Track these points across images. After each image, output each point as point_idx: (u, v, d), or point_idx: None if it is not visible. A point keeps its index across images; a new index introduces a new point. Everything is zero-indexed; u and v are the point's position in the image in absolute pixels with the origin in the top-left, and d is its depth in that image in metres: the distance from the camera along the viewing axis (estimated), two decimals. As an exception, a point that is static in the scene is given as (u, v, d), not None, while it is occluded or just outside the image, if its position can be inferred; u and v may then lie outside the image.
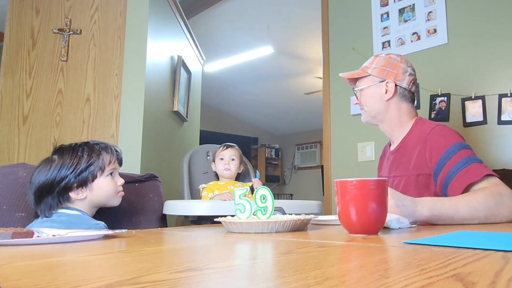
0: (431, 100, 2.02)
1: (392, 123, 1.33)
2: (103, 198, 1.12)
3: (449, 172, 1.10)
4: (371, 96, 1.32)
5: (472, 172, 1.07)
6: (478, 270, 0.35)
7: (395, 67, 1.30)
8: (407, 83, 1.30)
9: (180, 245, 0.66)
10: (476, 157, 1.12)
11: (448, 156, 1.12)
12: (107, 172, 1.12)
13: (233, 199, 0.89)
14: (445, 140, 1.16)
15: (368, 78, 1.33)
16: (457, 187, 1.08)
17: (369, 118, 1.36)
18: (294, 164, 8.40)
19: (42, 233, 0.73)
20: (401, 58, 1.32)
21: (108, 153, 1.13)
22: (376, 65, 1.32)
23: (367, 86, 1.33)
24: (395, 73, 1.29)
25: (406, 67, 1.30)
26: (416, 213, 0.91)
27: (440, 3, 2.07)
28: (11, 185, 1.16)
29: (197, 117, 3.49)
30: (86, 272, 0.39)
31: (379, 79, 1.30)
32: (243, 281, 0.34)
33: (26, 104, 2.06)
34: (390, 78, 1.29)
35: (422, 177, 1.19)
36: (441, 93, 2.00)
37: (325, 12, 2.62)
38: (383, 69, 1.30)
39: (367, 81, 1.33)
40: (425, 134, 1.20)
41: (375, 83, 1.31)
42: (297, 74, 6.00)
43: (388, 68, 1.30)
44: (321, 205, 1.60)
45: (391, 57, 1.32)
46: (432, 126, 1.21)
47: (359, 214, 0.71)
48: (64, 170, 1.06)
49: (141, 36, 2.17)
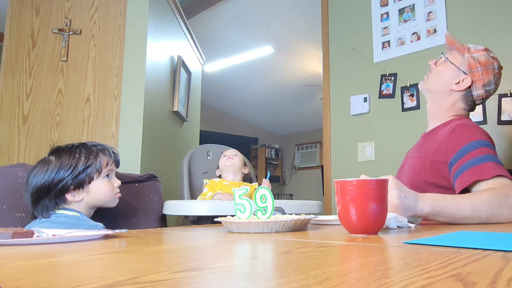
0: (431, 100, 2.02)
1: (439, 109, 1.30)
2: (99, 200, 1.12)
3: (463, 165, 1.10)
4: (444, 74, 1.28)
5: (484, 170, 1.06)
6: (478, 270, 0.35)
7: (486, 74, 1.23)
8: (479, 94, 1.25)
9: (180, 245, 0.66)
10: (495, 157, 1.11)
11: (468, 149, 1.11)
12: (104, 174, 1.11)
13: (233, 199, 0.89)
14: (470, 134, 1.15)
15: (459, 57, 1.27)
16: (465, 180, 1.07)
17: (425, 87, 1.33)
18: (294, 164, 8.40)
19: (42, 233, 0.73)
20: (499, 71, 1.25)
21: (105, 155, 1.13)
22: (475, 57, 1.25)
23: (452, 62, 1.27)
24: (481, 78, 1.24)
25: (492, 81, 1.24)
26: (417, 207, 0.90)
27: (440, 3, 2.07)
28: (11, 185, 1.16)
29: (197, 117, 3.49)
30: (86, 272, 0.39)
31: (465, 69, 1.25)
32: (243, 281, 0.34)
33: (26, 104, 2.06)
34: (472, 77, 1.24)
35: (437, 164, 1.18)
36: (441, 93, 2.00)
37: (325, 12, 2.62)
38: (476, 65, 1.24)
39: (455, 59, 1.27)
40: (454, 126, 1.19)
41: (459, 68, 1.26)
42: (297, 74, 6.00)
43: (480, 68, 1.24)
44: (321, 205, 1.60)
45: (493, 62, 1.25)
46: (464, 121, 1.21)
47: (359, 214, 0.71)
48: (62, 172, 1.05)
49: (141, 36, 2.17)
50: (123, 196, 1.19)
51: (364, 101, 2.32)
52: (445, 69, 1.29)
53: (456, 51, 1.29)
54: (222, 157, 1.79)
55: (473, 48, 1.27)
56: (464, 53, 1.26)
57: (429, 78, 1.32)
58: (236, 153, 1.79)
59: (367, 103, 2.31)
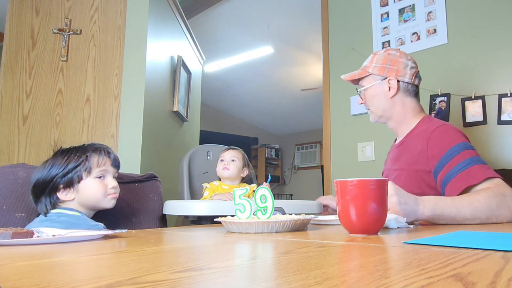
0: (431, 100, 2.02)
1: (398, 119, 1.33)
2: (90, 200, 1.10)
3: (449, 172, 1.10)
4: (375, 95, 1.32)
5: (473, 174, 1.06)
6: (478, 270, 0.35)
7: (395, 62, 1.28)
8: (409, 77, 1.29)
9: (180, 245, 0.66)
10: (479, 158, 1.11)
11: (451, 155, 1.11)
12: (96, 174, 1.10)
13: (233, 199, 0.89)
14: (449, 138, 1.15)
15: (369, 77, 1.32)
16: (455, 187, 1.07)
17: (377, 117, 1.36)
18: (294, 164, 8.40)
19: (42, 233, 0.73)
20: (400, 53, 1.31)
21: (97, 155, 1.11)
22: (376, 63, 1.31)
23: (370, 85, 1.32)
24: (396, 69, 1.28)
25: (406, 61, 1.29)
26: (418, 212, 0.90)
27: (440, 3, 2.07)
28: (11, 185, 1.16)
29: (197, 117, 3.49)
30: (86, 272, 0.39)
31: (381, 77, 1.30)
32: (243, 281, 0.34)
33: (26, 104, 2.06)
34: (392, 74, 1.28)
35: (421, 173, 1.19)
36: (441, 93, 2.00)
37: (325, 12, 2.62)
38: (383, 67, 1.29)
39: (369, 80, 1.33)
40: (429, 131, 1.20)
41: (377, 81, 1.30)
42: (297, 74, 6.00)
43: (388, 65, 1.29)
44: (321, 205, 1.60)
45: (389, 53, 1.31)
46: (438, 124, 1.21)
47: (359, 214, 0.71)
48: (54, 170, 1.07)
49: (141, 36, 2.17)
50: (123, 196, 1.19)
51: (364, 101, 2.32)
52: (371, 92, 1.34)
53: (360, 77, 1.35)
54: (219, 162, 1.70)
55: (367, 62, 1.35)
56: (367, 71, 1.33)
57: (371, 110, 1.37)
58: (233, 157, 1.69)
59: (367, 103, 2.31)
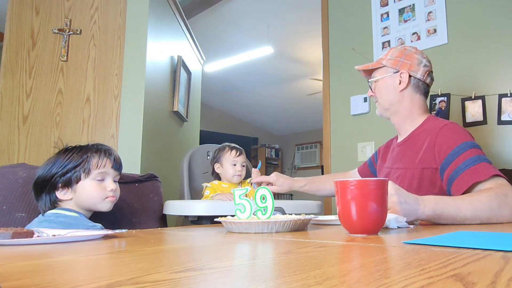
0: (431, 100, 2.02)
1: (404, 115, 1.33)
2: (87, 202, 1.09)
3: (456, 168, 1.10)
4: (385, 88, 1.33)
5: (480, 171, 1.06)
6: (478, 270, 0.35)
7: (410, 57, 1.30)
8: (421, 74, 1.29)
9: (180, 245, 0.66)
10: (485, 157, 1.12)
11: (458, 152, 1.12)
12: (95, 176, 1.09)
13: (233, 199, 0.89)
14: (457, 136, 1.16)
15: (382, 69, 1.33)
16: (462, 184, 1.07)
17: (383, 110, 1.36)
18: (294, 164, 8.40)
19: (42, 233, 0.73)
20: (416, 50, 1.32)
21: (98, 156, 1.10)
22: (390, 56, 1.32)
23: (381, 77, 1.33)
24: (410, 63, 1.29)
25: (421, 58, 1.30)
26: (418, 211, 0.90)
27: (440, 3, 2.07)
28: (11, 185, 1.16)
29: (197, 117, 3.49)
30: (86, 272, 0.39)
31: (393, 70, 1.30)
32: (243, 281, 0.34)
33: (26, 104, 2.06)
34: (404, 68, 1.29)
35: (427, 171, 1.19)
36: (441, 93, 2.00)
37: (325, 12, 2.62)
38: (397, 60, 1.30)
39: (382, 73, 1.34)
40: (437, 129, 1.20)
41: (389, 74, 1.31)
42: (297, 74, 6.00)
43: (402, 59, 1.30)
44: (321, 205, 1.61)
45: (406, 48, 1.32)
46: (445, 122, 1.22)
47: (359, 214, 0.71)
48: (54, 168, 1.07)
49: (141, 36, 2.17)
50: (123, 196, 1.19)
51: (364, 101, 2.32)
52: (381, 84, 1.34)
53: (374, 68, 1.36)
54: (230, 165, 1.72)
55: (383, 55, 1.36)
56: (381, 63, 1.33)
57: (379, 102, 1.37)
58: (244, 163, 1.76)
59: (367, 103, 2.31)
